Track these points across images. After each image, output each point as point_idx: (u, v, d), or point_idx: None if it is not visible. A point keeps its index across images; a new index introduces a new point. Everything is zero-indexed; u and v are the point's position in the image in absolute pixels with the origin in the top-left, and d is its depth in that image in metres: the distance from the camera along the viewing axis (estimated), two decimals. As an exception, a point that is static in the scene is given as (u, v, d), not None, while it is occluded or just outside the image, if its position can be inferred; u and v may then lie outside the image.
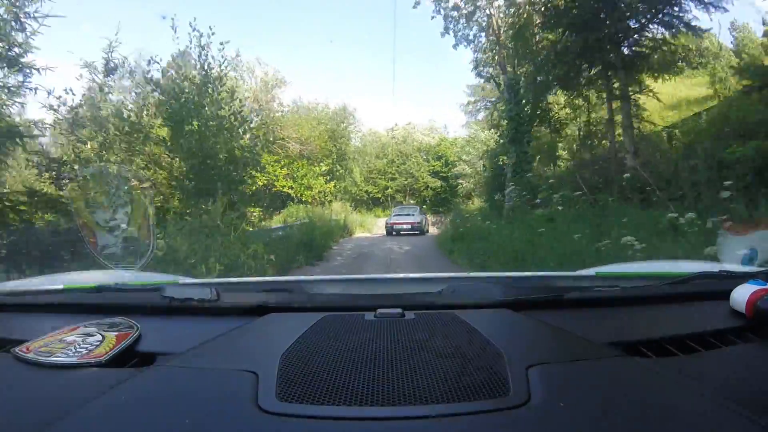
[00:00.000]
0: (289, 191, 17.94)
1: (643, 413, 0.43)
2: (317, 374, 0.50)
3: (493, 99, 32.17)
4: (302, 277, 1.21)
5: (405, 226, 15.73)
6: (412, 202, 28.89)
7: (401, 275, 1.45)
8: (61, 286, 0.98)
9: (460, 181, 25.66)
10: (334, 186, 20.74)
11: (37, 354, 0.58)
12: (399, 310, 0.73)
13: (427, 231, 16.67)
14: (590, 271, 1.15)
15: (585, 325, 0.69)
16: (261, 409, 0.44)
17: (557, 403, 0.44)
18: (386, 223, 16.55)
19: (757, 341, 0.63)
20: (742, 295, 0.68)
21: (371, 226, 22.66)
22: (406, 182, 30.93)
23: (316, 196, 18.61)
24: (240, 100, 9.43)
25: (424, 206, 28.59)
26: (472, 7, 13.73)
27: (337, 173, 21.78)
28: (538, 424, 0.42)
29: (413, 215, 16.90)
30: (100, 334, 0.64)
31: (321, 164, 19.89)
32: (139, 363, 0.60)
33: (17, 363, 0.57)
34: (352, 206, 22.51)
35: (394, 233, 15.60)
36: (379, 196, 31.20)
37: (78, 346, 0.59)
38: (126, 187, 5.13)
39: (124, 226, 3.83)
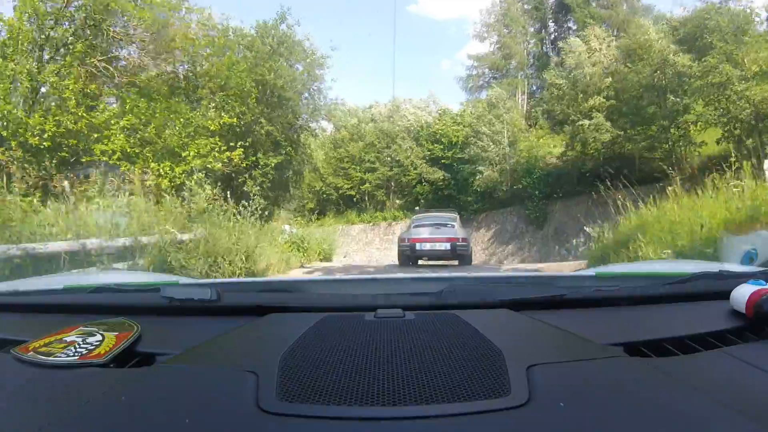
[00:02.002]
0: (114, 162, 7.33)
1: (643, 413, 0.42)
2: (317, 374, 0.50)
3: (497, 75, 24.53)
4: (302, 278, 1.22)
5: (439, 247, 8.40)
6: (398, 202, 21.46)
7: (401, 275, 1.46)
8: (61, 286, 0.98)
9: (480, 168, 17.04)
10: (249, 156, 10.15)
11: (37, 354, 0.58)
12: (399, 311, 0.73)
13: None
14: (590, 271, 1.15)
15: (585, 325, 0.69)
16: (261, 410, 0.44)
17: (557, 403, 0.44)
18: (402, 241, 8.83)
19: (757, 341, 0.63)
20: (742, 295, 0.68)
21: (340, 243, 16.25)
22: (390, 173, 21.47)
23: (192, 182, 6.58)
24: None
25: (417, 209, 19.42)
26: None
27: (259, 134, 11.17)
28: (539, 424, 0.42)
29: (449, 226, 9.02)
30: (100, 334, 0.63)
31: (223, 113, 9.19)
32: (139, 363, 0.60)
33: (17, 363, 0.57)
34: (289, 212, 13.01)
35: (411, 262, 8.76)
36: (353, 193, 21.93)
37: (78, 346, 0.59)
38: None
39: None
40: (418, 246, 8.45)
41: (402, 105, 23.97)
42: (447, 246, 8.38)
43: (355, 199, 22.43)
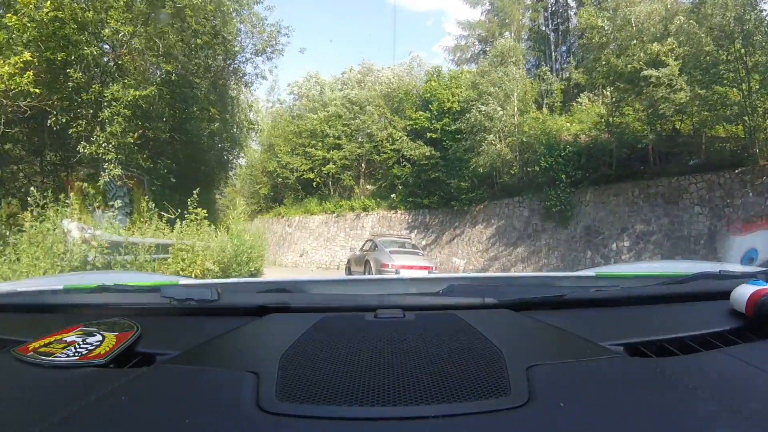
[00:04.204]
0: None
1: (643, 413, 0.43)
2: (317, 374, 0.50)
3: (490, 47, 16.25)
4: (302, 278, 1.22)
5: (419, 274, 7.51)
6: (369, 187, 17.29)
7: (401, 276, 1.45)
8: (61, 287, 0.99)
9: (489, 138, 12.46)
10: (89, 86, 6.49)
11: (37, 354, 0.58)
12: (399, 311, 0.73)
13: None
14: (590, 272, 1.16)
15: (585, 325, 0.69)
16: (261, 410, 0.44)
17: (558, 403, 0.44)
18: (384, 266, 9.05)
19: (757, 341, 0.63)
20: (742, 295, 0.68)
21: (296, 239, 14.74)
22: (360, 151, 17.06)
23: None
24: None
25: (394, 196, 16.00)
26: None
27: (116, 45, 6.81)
28: (539, 424, 0.42)
29: (421, 254, 10.10)
30: (100, 334, 0.63)
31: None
32: (139, 363, 0.60)
33: (17, 363, 0.57)
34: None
35: None
36: (312, 176, 17.79)
37: (78, 346, 0.59)
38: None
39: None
40: (403, 273, 8.33)
41: (379, 71, 19.05)
42: (427, 273, 8.42)
43: (315, 183, 17.79)
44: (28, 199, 4.68)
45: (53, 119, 5.99)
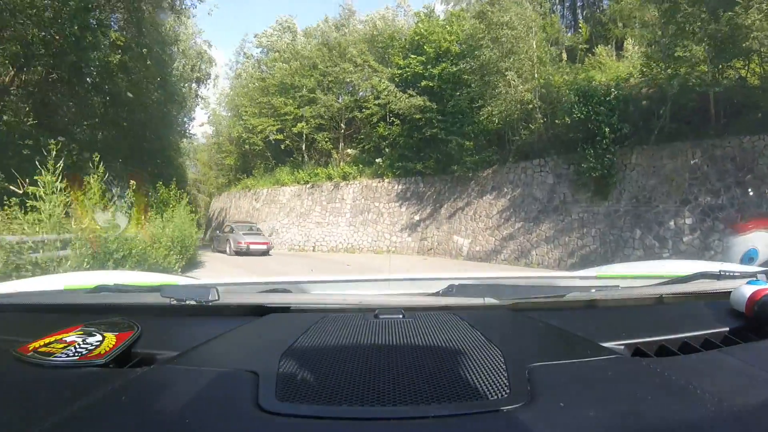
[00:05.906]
0: None
1: (643, 413, 0.43)
2: (317, 374, 0.50)
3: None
4: (302, 279, 1.22)
5: (261, 247, 13.38)
6: (349, 152, 14.95)
7: (401, 276, 1.46)
8: (61, 287, 0.99)
9: (509, 76, 9.49)
10: None
11: (37, 354, 0.58)
12: (399, 311, 0.73)
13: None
14: (591, 272, 1.16)
15: (585, 325, 0.69)
16: (261, 409, 0.44)
17: (557, 403, 0.44)
18: (239, 243, 13.17)
19: (757, 341, 0.64)
20: (742, 295, 0.69)
21: (264, 215, 13.84)
22: (338, 105, 14.01)
23: None
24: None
25: (380, 161, 13.95)
26: None
27: None
28: (539, 424, 0.42)
29: (262, 234, 14.29)
30: (100, 334, 0.63)
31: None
32: (139, 363, 0.60)
33: (17, 363, 0.57)
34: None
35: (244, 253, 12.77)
36: (281, 137, 14.66)
37: (78, 346, 0.59)
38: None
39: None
40: (252, 246, 13.17)
41: (360, 17, 16.22)
42: (266, 247, 13.54)
43: (285, 146, 14.73)
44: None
45: None
